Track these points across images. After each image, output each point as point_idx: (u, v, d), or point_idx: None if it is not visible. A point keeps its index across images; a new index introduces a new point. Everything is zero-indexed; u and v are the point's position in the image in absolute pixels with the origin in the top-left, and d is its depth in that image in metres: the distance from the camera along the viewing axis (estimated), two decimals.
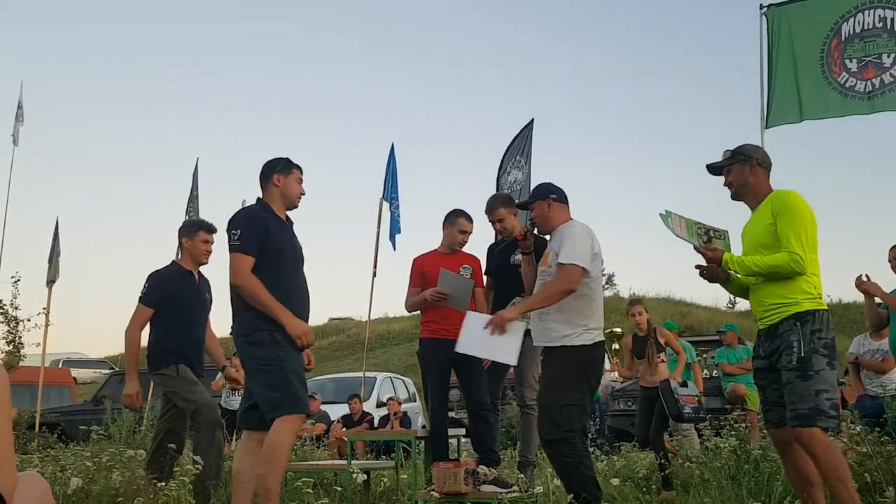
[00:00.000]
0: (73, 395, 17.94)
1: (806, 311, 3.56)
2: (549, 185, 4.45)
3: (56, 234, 13.28)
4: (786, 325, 3.59)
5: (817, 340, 3.52)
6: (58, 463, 5.78)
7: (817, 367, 3.49)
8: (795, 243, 3.57)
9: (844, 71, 8.27)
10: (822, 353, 3.51)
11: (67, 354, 30.92)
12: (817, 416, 3.44)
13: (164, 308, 4.97)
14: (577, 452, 3.98)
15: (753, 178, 3.84)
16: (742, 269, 3.68)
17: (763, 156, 3.92)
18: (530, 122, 10.68)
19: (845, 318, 34.80)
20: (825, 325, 3.57)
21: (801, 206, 3.68)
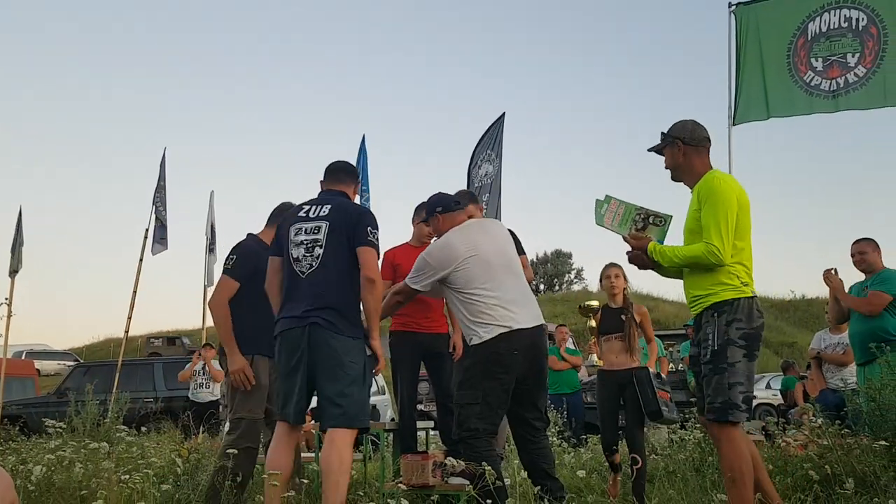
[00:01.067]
0: (37, 388, 17.67)
1: (724, 301, 3.50)
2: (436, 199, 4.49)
3: (19, 223, 13.05)
4: (705, 316, 3.56)
5: (734, 331, 3.46)
6: (19, 456, 5.68)
7: (732, 360, 3.44)
8: (714, 234, 3.47)
9: (810, 70, 8.39)
10: (737, 343, 3.45)
11: (31, 346, 30.48)
12: (729, 410, 3.41)
13: (249, 285, 4.39)
14: (477, 453, 3.92)
15: (683, 158, 3.75)
16: (663, 259, 3.61)
17: (691, 134, 3.76)
18: (501, 115, 10.69)
19: (808, 313, 35.43)
20: (745, 315, 3.49)
21: (726, 192, 3.55)
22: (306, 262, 3.86)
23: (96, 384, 8.97)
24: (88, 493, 4.09)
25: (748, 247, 3.62)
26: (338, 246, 3.85)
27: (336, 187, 4.14)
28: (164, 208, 12.30)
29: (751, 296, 3.56)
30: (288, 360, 3.79)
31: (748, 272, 3.59)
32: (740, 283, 3.54)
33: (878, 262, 5.77)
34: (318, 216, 3.94)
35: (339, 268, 3.83)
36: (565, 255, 48.97)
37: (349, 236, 3.85)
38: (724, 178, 3.65)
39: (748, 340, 3.48)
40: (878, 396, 4.76)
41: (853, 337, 5.81)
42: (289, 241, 3.93)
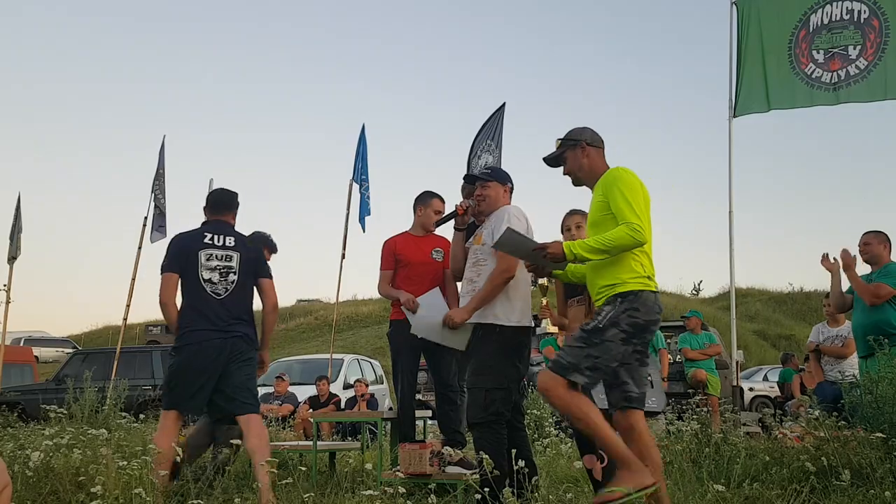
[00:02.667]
0: (35, 374, 17.69)
1: (629, 291, 3.49)
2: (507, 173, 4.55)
3: (18, 209, 13.02)
4: (609, 301, 3.53)
5: (626, 318, 3.44)
6: (17, 442, 5.69)
7: (606, 337, 3.41)
8: (631, 214, 3.44)
9: (811, 62, 8.38)
10: (621, 327, 3.43)
11: (29, 333, 30.51)
12: (571, 368, 3.37)
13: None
14: (497, 438, 4.00)
15: (587, 160, 3.77)
16: (585, 250, 3.49)
17: (591, 136, 3.81)
18: (501, 105, 10.66)
19: (806, 306, 35.52)
20: (644, 307, 3.47)
21: (630, 178, 3.57)
22: (221, 286, 4.62)
23: (95, 371, 8.98)
24: (86, 479, 4.09)
25: (650, 241, 3.58)
26: (247, 276, 4.70)
27: (223, 217, 4.87)
28: (163, 196, 12.27)
29: (654, 290, 3.55)
30: (206, 363, 4.49)
31: (652, 265, 3.58)
32: (645, 274, 3.53)
33: (884, 254, 5.78)
34: (226, 245, 4.71)
35: (246, 294, 4.71)
36: None
37: (255, 270, 4.74)
38: (629, 170, 3.64)
39: (634, 329, 3.46)
40: (875, 389, 4.77)
41: (856, 329, 5.82)
42: (199, 265, 4.61)
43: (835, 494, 4.06)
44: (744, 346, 20.99)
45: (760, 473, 4.54)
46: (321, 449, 5.71)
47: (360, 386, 11.90)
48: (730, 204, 8.65)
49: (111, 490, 3.75)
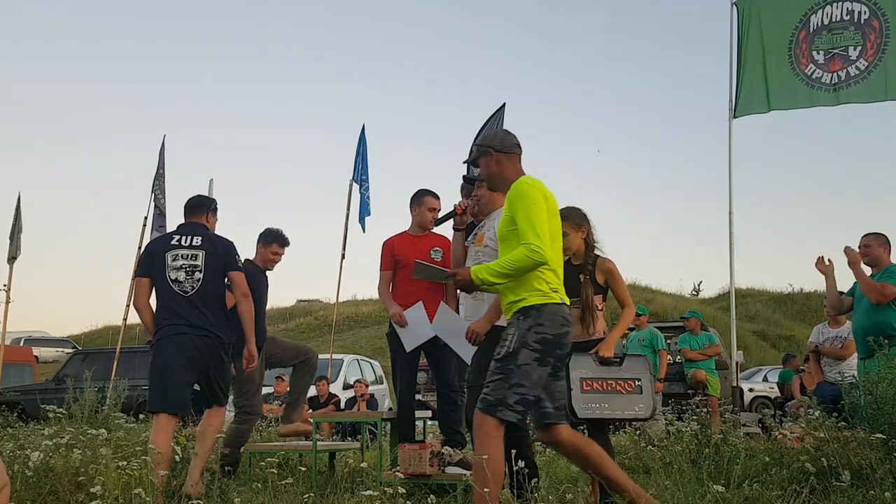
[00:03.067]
0: (35, 374, 17.68)
1: (530, 306, 3.46)
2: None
3: (18, 209, 13.02)
4: (514, 317, 3.52)
5: (533, 335, 3.42)
6: (17, 442, 5.69)
7: (521, 362, 3.40)
8: (531, 234, 3.40)
9: (812, 63, 8.38)
10: (532, 347, 3.41)
11: (29, 333, 30.48)
12: (499, 406, 3.37)
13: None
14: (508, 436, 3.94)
15: (497, 167, 3.73)
16: (491, 275, 3.48)
17: (502, 142, 3.75)
18: (502, 106, 10.64)
19: (806, 307, 35.52)
20: (549, 320, 3.44)
21: (531, 194, 3.49)
22: (188, 284, 4.82)
23: (94, 371, 8.96)
24: (86, 479, 4.09)
25: (558, 254, 3.58)
26: (214, 273, 4.85)
27: (195, 219, 5.06)
28: (163, 196, 12.26)
29: (559, 302, 3.50)
30: (186, 358, 4.80)
31: (558, 278, 3.55)
32: (549, 288, 3.49)
33: (884, 256, 5.78)
34: (192, 245, 4.88)
35: (216, 289, 4.88)
36: None
37: (223, 264, 4.89)
38: (531, 182, 3.58)
39: (544, 346, 3.43)
40: (875, 390, 4.77)
41: (857, 330, 5.82)
42: (166, 266, 4.84)
43: (835, 495, 4.06)
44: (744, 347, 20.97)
45: (760, 474, 4.54)
46: (321, 449, 5.71)
47: (360, 386, 11.89)
48: (730, 204, 8.66)
49: (111, 490, 3.75)
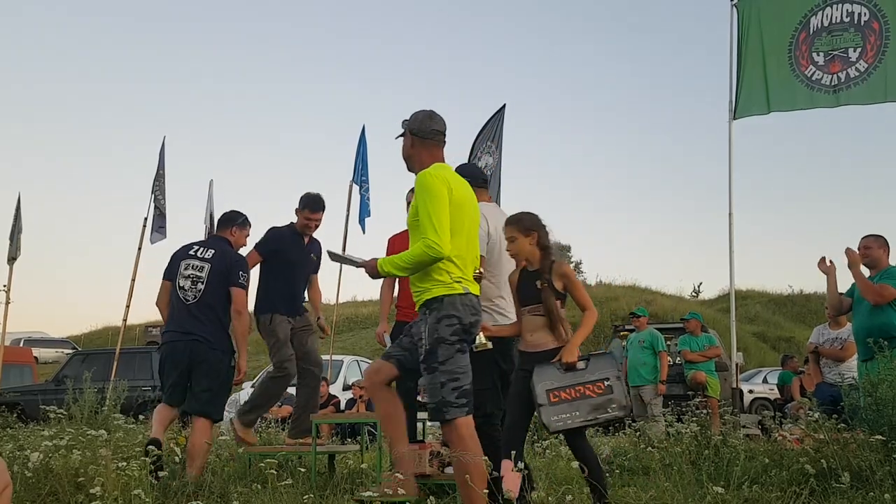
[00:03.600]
0: (35, 375, 17.68)
1: (433, 298, 3.48)
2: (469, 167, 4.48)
3: (18, 210, 13.03)
4: (421, 312, 3.55)
5: (444, 328, 3.44)
6: (17, 442, 5.68)
7: (442, 358, 3.44)
8: (429, 228, 3.41)
9: (811, 64, 8.38)
10: (448, 340, 3.44)
11: (29, 333, 30.47)
12: (444, 409, 3.44)
13: (272, 260, 5.77)
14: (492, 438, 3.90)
15: (412, 149, 3.72)
16: (393, 268, 3.53)
17: (420, 125, 3.71)
18: (502, 107, 10.68)
19: (806, 308, 35.48)
20: (456, 309, 3.46)
21: (433, 186, 3.47)
22: (191, 293, 5.20)
23: (94, 372, 8.95)
24: (86, 479, 4.09)
25: (462, 243, 3.56)
26: (216, 285, 5.19)
27: (220, 233, 5.52)
28: (163, 197, 12.27)
29: (462, 292, 3.51)
30: (174, 362, 5.18)
31: (460, 269, 3.55)
32: (451, 279, 3.50)
33: (884, 258, 5.79)
34: (204, 258, 5.27)
35: (216, 301, 5.19)
36: (564, 248, 48.83)
37: (226, 278, 5.21)
38: (436, 174, 3.54)
39: (461, 335, 3.48)
40: (875, 392, 4.77)
41: (857, 332, 5.82)
42: (178, 273, 5.24)
43: (834, 497, 4.06)
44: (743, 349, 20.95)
45: (760, 475, 4.54)
46: (320, 451, 5.71)
47: (357, 389, 11.87)
48: (730, 206, 8.66)
49: (110, 491, 3.74)
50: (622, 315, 24.55)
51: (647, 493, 4.34)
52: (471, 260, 3.64)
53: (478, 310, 3.58)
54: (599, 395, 3.76)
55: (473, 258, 3.68)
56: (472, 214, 3.66)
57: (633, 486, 4.69)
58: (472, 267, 3.65)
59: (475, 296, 3.58)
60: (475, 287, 3.63)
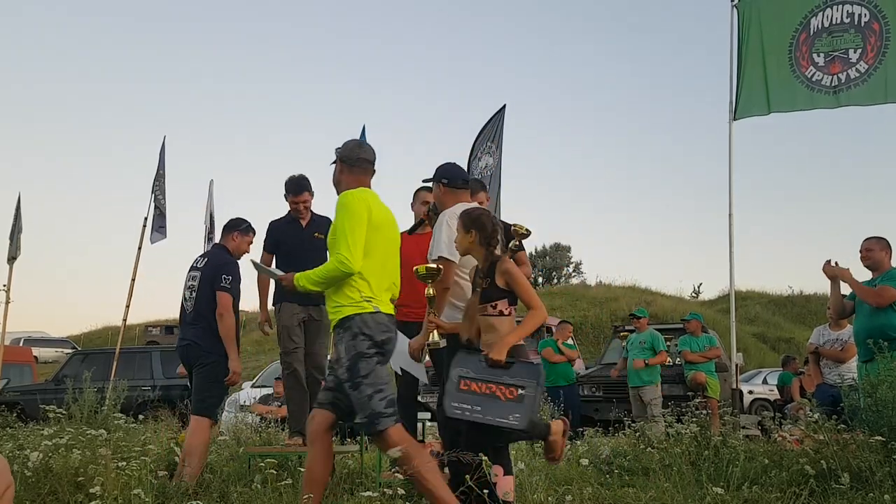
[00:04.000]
0: (34, 374, 17.67)
1: (346, 317, 3.61)
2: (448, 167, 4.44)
3: (18, 209, 13.03)
4: (336, 332, 3.68)
5: (361, 343, 3.57)
6: (16, 442, 5.68)
7: (364, 372, 3.56)
8: (342, 245, 3.58)
9: (812, 65, 8.38)
10: (367, 354, 3.58)
11: (29, 333, 30.47)
12: (375, 421, 3.54)
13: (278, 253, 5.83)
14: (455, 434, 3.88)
15: (341, 175, 3.90)
16: (308, 283, 3.69)
17: (349, 154, 3.90)
18: (502, 108, 10.69)
19: (806, 309, 35.46)
20: (368, 328, 3.60)
21: (352, 205, 3.66)
22: (189, 304, 5.45)
23: (94, 372, 8.96)
24: (85, 479, 4.09)
25: (377, 264, 3.71)
26: (206, 292, 5.34)
27: (223, 240, 5.67)
28: (163, 197, 12.26)
29: (372, 311, 3.63)
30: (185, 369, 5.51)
31: (372, 288, 3.67)
32: (361, 297, 3.63)
33: (886, 260, 5.78)
34: (197, 267, 5.50)
35: (204, 309, 5.34)
36: (564, 249, 48.83)
37: (211, 283, 5.34)
38: (358, 195, 3.72)
39: (377, 347, 3.61)
40: (874, 393, 4.77)
41: (858, 333, 5.81)
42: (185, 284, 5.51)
43: (834, 498, 4.06)
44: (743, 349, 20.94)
45: (759, 476, 4.54)
46: None
47: None
48: (730, 206, 8.66)
49: (110, 490, 3.75)
50: (622, 315, 24.54)
51: (646, 494, 4.34)
52: (387, 280, 3.77)
53: (389, 327, 3.68)
54: (508, 400, 3.61)
55: (390, 279, 3.82)
56: (390, 236, 3.83)
57: (632, 487, 4.69)
58: (387, 287, 3.78)
59: (386, 314, 3.69)
60: (387, 307, 3.73)
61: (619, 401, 10.47)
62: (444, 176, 4.38)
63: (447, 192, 4.36)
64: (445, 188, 4.36)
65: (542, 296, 33.12)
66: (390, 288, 3.83)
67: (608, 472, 5.26)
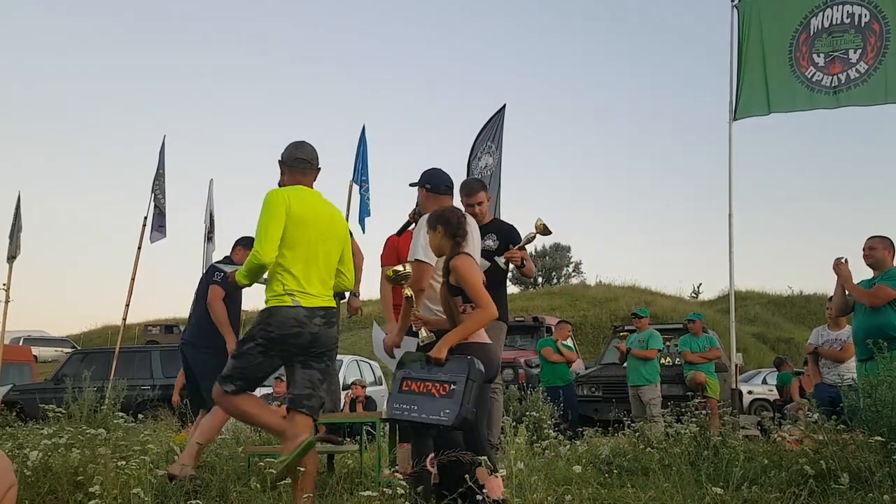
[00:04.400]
0: (34, 374, 17.66)
1: (264, 309, 3.85)
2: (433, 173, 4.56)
3: (18, 209, 13.04)
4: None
5: (260, 331, 3.81)
6: (16, 441, 5.68)
7: (245, 350, 3.85)
8: (256, 238, 3.80)
9: (812, 65, 8.39)
10: (257, 340, 3.81)
11: (28, 332, 30.45)
12: (227, 378, 3.87)
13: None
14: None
15: (283, 177, 4.11)
16: (241, 277, 3.94)
17: (288, 155, 4.09)
18: (502, 107, 10.70)
19: (805, 309, 35.50)
20: (276, 321, 3.77)
21: (269, 201, 3.83)
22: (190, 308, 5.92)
23: (93, 371, 8.97)
24: (85, 478, 4.09)
25: (300, 258, 3.83)
26: (202, 294, 5.68)
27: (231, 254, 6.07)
28: (163, 196, 12.27)
29: (291, 305, 3.78)
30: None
31: (298, 281, 3.81)
32: (284, 291, 3.79)
33: (888, 259, 5.78)
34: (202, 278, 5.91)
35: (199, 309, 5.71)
36: (564, 249, 48.83)
37: (207, 282, 5.70)
38: (277, 192, 3.90)
39: (267, 341, 3.81)
40: (874, 392, 4.77)
41: (857, 333, 5.81)
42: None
43: (833, 498, 4.06)
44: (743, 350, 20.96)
45: (759, 476, 4.54)
46: (320, 450, 5.70)
47: (356, 388, 11.86)
48: (730, 207, 8.67)
49: (109, 490, 3.74)
50: (622, 315, 24.56)
51: (646, 494, 4.34)
52: (319, 273, 3.88)
53: (301, 322, 3.77)
54: (441, 396, 3.63)
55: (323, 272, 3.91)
56: (323, 232, 3.91)
57: (632, 487, 4.68)
58: (322, 280, 3.89)
59: (304, 308, 3.78)
60: (315, 300, 3.82)
61: (618, 401, 10.47)
62: (428, 181, 4.49)
63: (430, 196, 4.45)
64: (428, 193, 4.46)
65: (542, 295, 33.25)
66: (326, 280, 3.94)
67: (608, 472, 5.26)
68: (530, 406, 8.63)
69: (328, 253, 3.94)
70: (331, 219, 4.00)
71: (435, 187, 4.46)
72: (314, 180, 4.12)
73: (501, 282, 5.18)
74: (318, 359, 3.88)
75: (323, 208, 4.00)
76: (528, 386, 11.05)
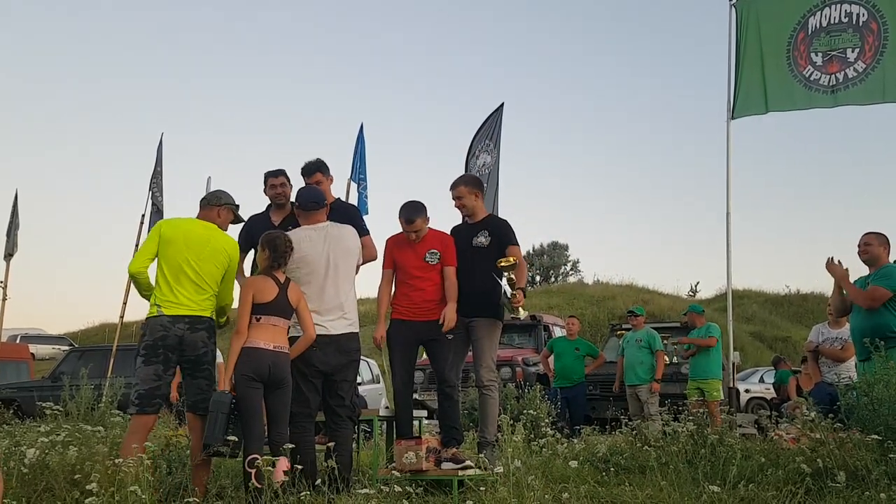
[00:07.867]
0: (31, 371, 17.64)
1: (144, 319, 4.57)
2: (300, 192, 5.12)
3: (15, 206, 13.03)
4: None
5: (141, 343, 4.50)
6: (13, 438, 5.68)
7: (136, 367, 4.45)
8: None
9: (810, 64, 8.39)
10: (140, 353, 4.47)
11: (26, 330, 30.35)
12: (128, 405, 4.49)
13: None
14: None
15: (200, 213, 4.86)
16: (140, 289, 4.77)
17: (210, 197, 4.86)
18: (500, 106, 10.69)
19: (803, 308, 35.53)
20: (148, 331, 4.49)
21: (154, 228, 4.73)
22: None
23: (91, 369, 8.97)
24: (82, 476, 4.09)
25: (170, 275, 4.53)
26: None
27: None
28: (160, 194, 12.25)
29: (156, 314, 4.51)
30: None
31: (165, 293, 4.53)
32: (154, 302, 4.55)
33: (883, 256, 5.77)
34: None
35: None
36: (561, 247, 48.75)
37: None
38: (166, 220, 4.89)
39: (147, 350, 4.46)
40: (871, 391, 4.77)
41: (855, 332, 5.80)
42: None
43: (830, 496, 4.07)
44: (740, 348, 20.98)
45: (756, 475, 4.54)
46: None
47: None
48: (727, 206, 8.66)
49: (106, 487, 3.74)
50: (619, 314, 24.55)
51: (643, 492, 4.35)
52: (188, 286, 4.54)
53: (165, 326, 4.46)
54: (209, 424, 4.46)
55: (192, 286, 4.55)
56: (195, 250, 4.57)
57: (629, 485, 4.69)
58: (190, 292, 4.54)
59: (168, 316, 4.48)
60: (178, 309, 4.50)
61: (615, 399, 10.45)
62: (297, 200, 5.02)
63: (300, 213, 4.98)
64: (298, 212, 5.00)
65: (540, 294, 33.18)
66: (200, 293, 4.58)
67: (605, 470, 5.26)
68: (527, 404, 8.62)
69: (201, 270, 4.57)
70: (206, 242, 4.63)
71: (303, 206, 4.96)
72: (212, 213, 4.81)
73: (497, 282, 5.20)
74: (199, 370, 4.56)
75: (200, 232, 4.66)
76: (526, 384, 11.00)
